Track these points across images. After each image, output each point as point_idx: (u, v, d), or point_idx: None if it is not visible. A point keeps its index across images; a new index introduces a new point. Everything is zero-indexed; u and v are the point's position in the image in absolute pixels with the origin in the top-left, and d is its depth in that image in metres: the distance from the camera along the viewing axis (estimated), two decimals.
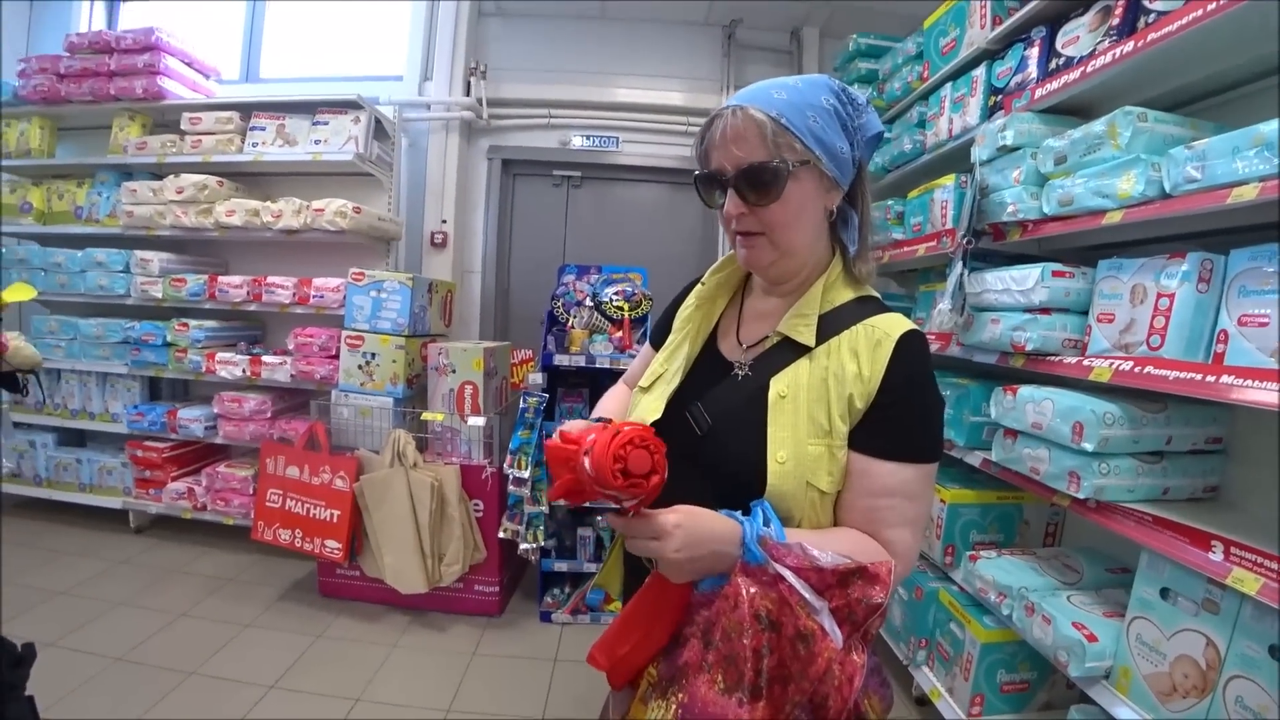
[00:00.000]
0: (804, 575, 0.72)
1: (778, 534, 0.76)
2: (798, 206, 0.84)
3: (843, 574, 0.72)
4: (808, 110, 0.82)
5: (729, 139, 0.83)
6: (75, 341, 3.45)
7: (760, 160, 0.81)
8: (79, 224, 3.54)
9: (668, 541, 0.73)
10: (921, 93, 2.45)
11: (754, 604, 0.71)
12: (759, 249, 0.88)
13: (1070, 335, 1.61)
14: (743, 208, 0.84)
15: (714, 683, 0.72)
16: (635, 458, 0.69)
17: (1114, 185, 1.42)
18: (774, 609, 0.71)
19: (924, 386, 0.85)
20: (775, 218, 0.84)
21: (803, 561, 0.73)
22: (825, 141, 0.83)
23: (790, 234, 0.86)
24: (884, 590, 0.71)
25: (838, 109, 0.84)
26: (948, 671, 1.90)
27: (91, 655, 2.30)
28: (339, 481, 2.65)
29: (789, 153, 0.81)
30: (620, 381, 1.23)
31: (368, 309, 2.91)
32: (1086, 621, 1.45)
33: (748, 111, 0.81)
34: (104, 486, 3.49)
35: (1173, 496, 1.46)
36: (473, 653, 2.51)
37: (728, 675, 0.71)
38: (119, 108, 3.46)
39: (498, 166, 3.81)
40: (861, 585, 0.72)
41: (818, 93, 0.84)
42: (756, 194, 0.83)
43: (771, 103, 0.82)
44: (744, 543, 0.75)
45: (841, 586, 0.72)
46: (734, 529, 0.76)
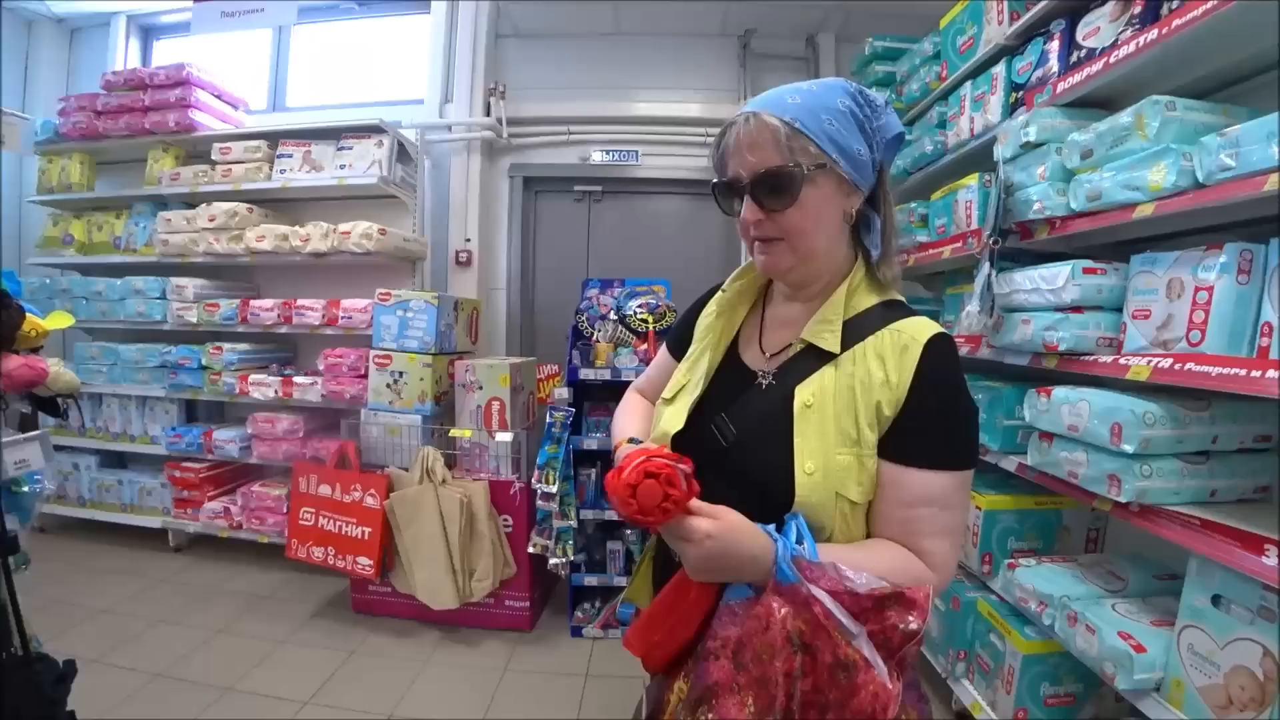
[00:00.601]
0: (839, 599, 0.70)
1: (811, 552, 0.74)
2: (815, 211, 0.83)
3: (879, 598, 0.70)
4: (823, 113, 0.81)
5: (743, 145, 0.82)
6: (116, 366, 3.57)
7: (775, 165, 0.80)
8: (118, 253, 3.67)
9: (696, 548, 0.74)
10: (940, 93, 2.42)
11: (786, 625, 0.70)
12: (777, 255, 0.86)
13: (1105, 333, 1.56)
14: (759, 214, 0.83)
15: (744, 705, 0.70)
16: (644, 490, 0.72)
17: (1144, 177, 1.38)
18: (807, 630, 0.69)
19: (954, 391, 0.82)
20: (792, 223, 0.83)
21: (838, 584, 0.70)
22: (842, 144, 0.81)
23: (808, 239, 0.85)
24: (921, 616, 0.69)
25: (854, 111, 0.83)
26: (989, 684, 1.84)
27: (133, 671, 2.35)
28: (370, 499, 2.68)
29: (804, 157, 0.80)
30: (631, 389, 1.22)
31: (395, 328, 2.95)
32: (1133, 631, 1.39)
33: (761, 117, 0.81)
34: (144, 506, 3.58)
35: (1221, 498, 1.39)
36: (504, 668, 2.51)
37: (759, 699, 0.69)
38: (153, 141, 3.58)
39: (519, 184, 3.85)
40: (898, 611, 0.70)
41: (833, 95, 0.82)
42: (772, 199, 0.82)
43: (785, 107, 0.81)
44: (776, 561, 0.73)
45: (877, 611, 0.70)
46: (767, 545, 0.75)
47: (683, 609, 0.81)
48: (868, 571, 0.72)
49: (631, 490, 0.72)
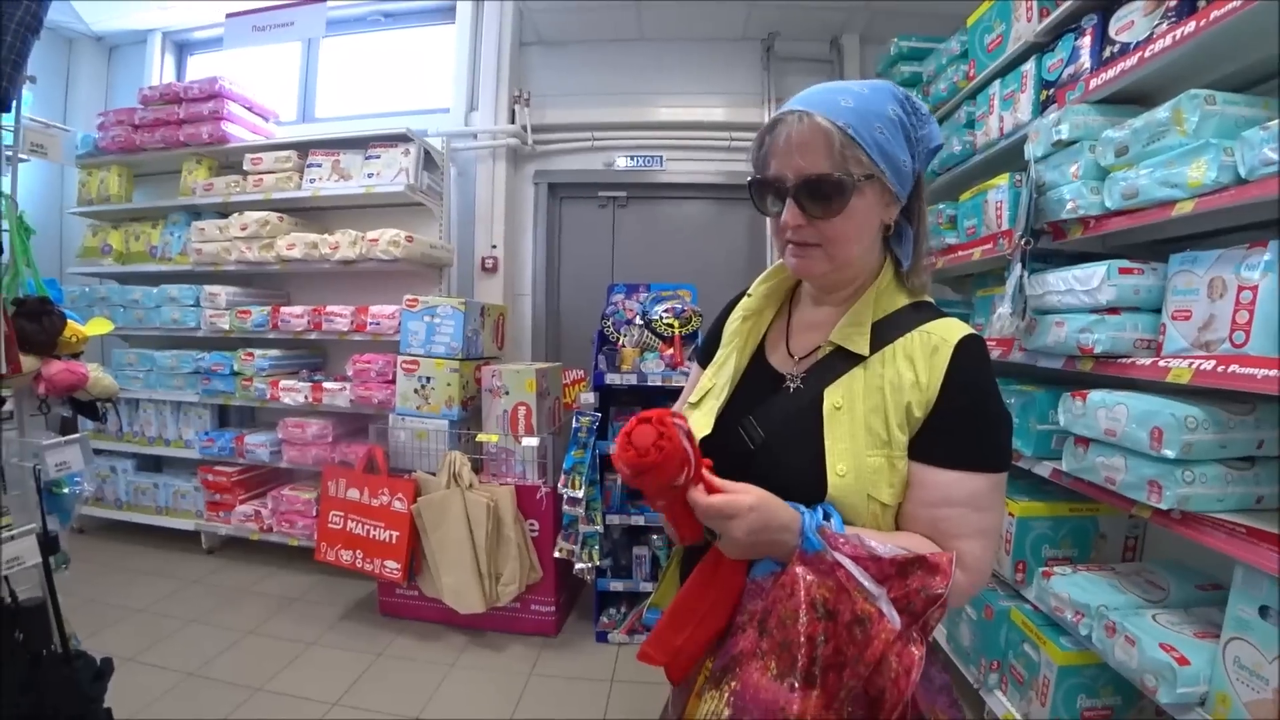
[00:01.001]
0: (862, 564, 0.71)
1: (837, 526, 0.75)
2: (857, 221, 0.82)
3: (901, 564, 0.71)
4: (874, 121, 0.79)
5: (793, 146, 0.79)
6: (152, 373, 3.67)
7: (825, 172, 0.78)
8: (154, 262, 3.77)
9: (739, 522, 0.73)
10: (968, 92, 2.39)
11: (810, 592, 0.70)
12: (812, 260, 0.85)
13: (1142, 335, 1.52)
14: (801, 219, 0.81)
15: (766, 669, 0.71)
16: (639, 432, 0.71)
17: (1183, 174, 1.34)
18: (831, 597, 0.70)
19: (985, 392, 0.81)
20: (835, 232, 0.82)
21: (860, 550, 0.72)
22: (890, 155, 0.80)
23: (847, 247, 0.84)
24: (944, 580, 0.69)
25: (903, 119, 0.81)
26: (1022, 696, 1.79)
27: (166, 670, 2.40)
28: (397, 503, 2.71)
29: (855, 166, 0.78)
30: None
31: (422, 334, 2.98)
32: (1176, 643, 1.35)
33: (814, 119, 0.78)
34: (178, 509, 3.67)
35: (1268, 505, 1.34)
36: (530, 672, 2.51)
37: (781, 661, 0.71)
38: (188, 153, 3.68)
39: (544, 190, 3.88)
40: (921, 575, 0.70)
41: (884, 102, 0.81)
42: (818, 206, 0.80)
43: (839, 111, 0.78)
44: (803, 531, 0.74)
45: (900, 577, 0.71)
46: (795, 517, 0.76)
47: (713, 595, 0.80)
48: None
49: (627, 436, 0.72)
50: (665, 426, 0.70)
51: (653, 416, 0.72)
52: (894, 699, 0.67)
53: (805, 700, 0.68)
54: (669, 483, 0.72)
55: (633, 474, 0.71)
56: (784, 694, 0.69)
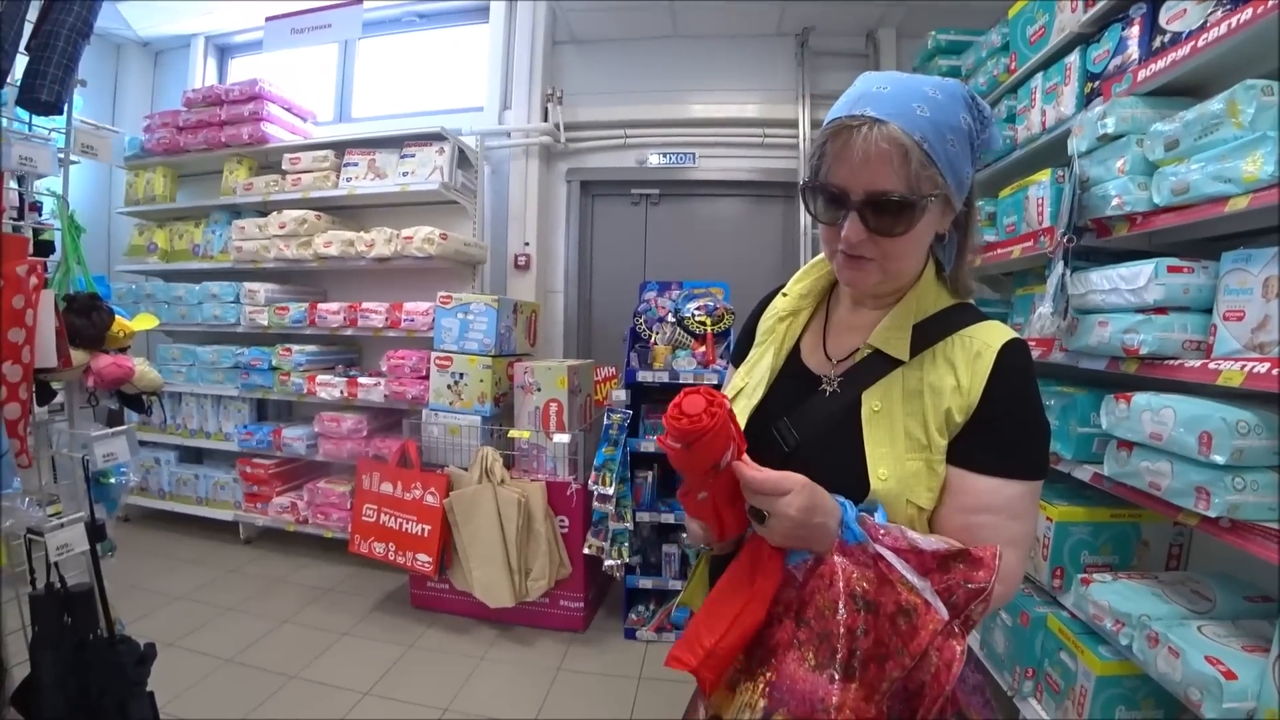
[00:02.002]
0: (903, 556, 0.70)
1: (881, 518, 0.75)
2: (920, 237, 0.80)
3: (943, 557, 0.70)
4: (948, 133, 0.74)
5: (868, 158, 0.72)
6: (194, 367, 3.78)
7: (897, 190, 0.73)
8: (196, 260, 3.90)
9: (792, 498, 0.70)
10: (1009, 86, 2.32)
11: (850, 583, 0.69)
12: (867, 274, 0.81)
13: (1191, 336, 1.46)
14: (864, 234, 0.76)
15: (804, 660, 0.70)
16: (690, 400, 0.69)
17: (1237, 168, 1.28)
18: (871, 589, 0.69)
19: (1027, 400, 0.80)
20: (898, 249, 0.79)
21: (901, 543, 0.71)
22: (958, 170, 0.77)
23: (904, 262, 0.82)
24: (988, 574, 0.68)
25: (971, 128, 0.77)
26: (1058, 705, 1.74)
27: (205, 656, 2.48)
28: (430, 497, 2.75)
29: (928, 186, 0.74)
30: None
31: (456, 331, 3.02)
32: (1222, 656, 1.30)
33: (891, 130, 0.72)
34: (218, 500, 3.77)
35: None
36: (558, 667, 2.53)
37: (819, 652, 0.69)
38: (229, 153, 3.79)
39: (577, 188, 3.90)
40: (964, 569, 0.69)
41: (957, 110, 0.76)
42: (885, 224, 0.76)
43: (915, 122, 0.72)
44: (844, 521, 0.73)
45: (942, 570, 0.70)
46: (837, 507, 0.74)
47: (748, 594, 0.77)
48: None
49: (678, 406, 0.69)
50: (714, 395, 0.69)
51: (700, 388, 0.70)
52: (934, 693, 0.66)
53: (845, 692, 0.66)
54: (717, 458, 0.70)
55: (683, 444, 0.68)
56: (823, 685, 0.67)
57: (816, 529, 0.72)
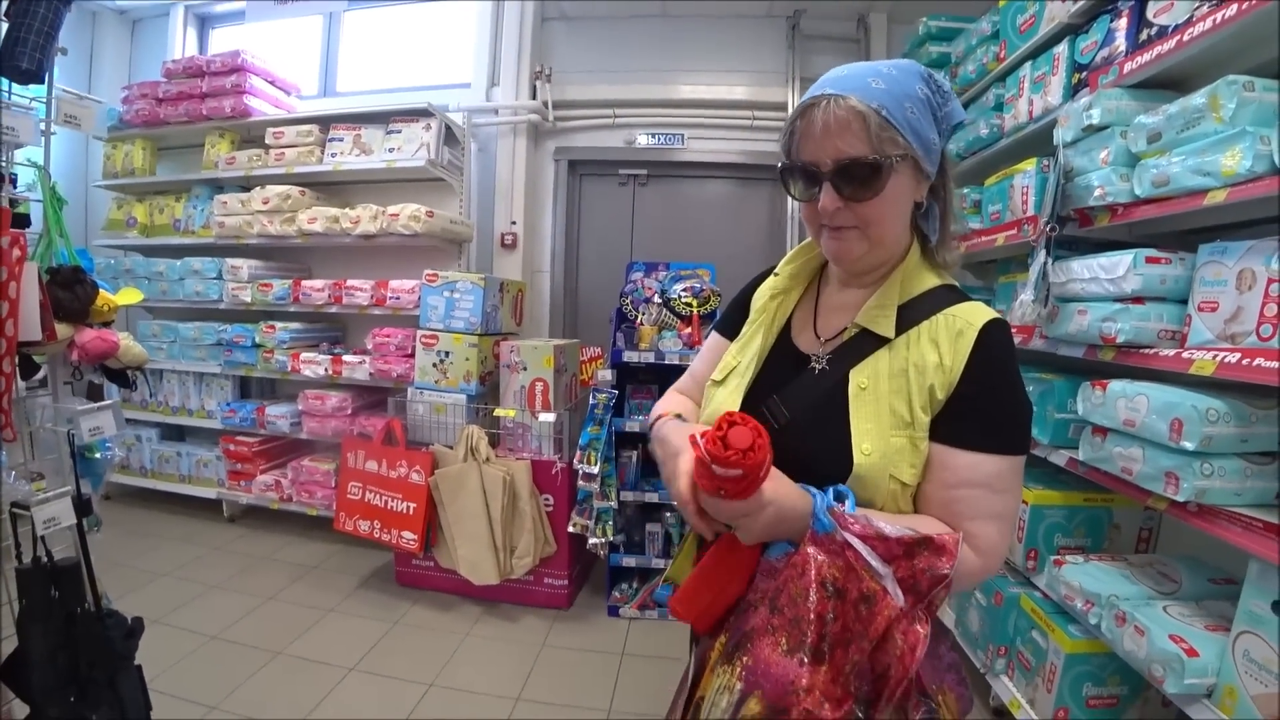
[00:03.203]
0: (870, 543, 0.73)
1: (850, 507, 0.77)
2: (893, 201, 0.82)
3: (908, 544, 0.73)
4: (905, 101, 0.79)
5: (830, 130, 0.79)
6: (175, 344, 3.74)
7: (862, 155, 0.78)
8: (177, 235, 3.82)
9: (759, 517, 0.74)
10: (998, 74, 2.34)
11: (820, 572, 0.72)
12: (850, 242, 0.85)
13: (1167, 326, 1.50)
14: (839, 202, 0.82)
15: (777, 645, 0.74)
16: (735, 434, 0.69)
17: (1216, 162, 1.31)
18: (840, 576, 0.72)
19: (1007, 376, 0.82)
20: (873, 213, 0.82)
21: (869, 530, 0.73)
22: (921, 134, 0.80)
23: (883, 228, 0.84)
24: (950, 561, 0.71)
25: (929, 98, 0.82)
26: (1029, 682, 1.81)
27: (191, 633, 2.48)
28: (415, 475, 2.75)
29: (891, 148, 0.78)
30: (671, 390, 1.18)
31: (441, 309, 3.01)
32: (1185, 634, 1.35)
33: (849, 102, 0.78)
34: (201, 478, 3.75)
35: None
36: (542, 644, 2.56)
37: (791, 638, 0.73)
38: (210, 126, 3.70)
39: (564, 167, 3.87)
40: (928, 556, 0.72)
41: (912, 81, 0.81)
42: (856, 189, 0.80)
43: (871, 93, 0.78)
44: (814, 513, 0.75)
45: (907, 557, 0.73)
46: (808, 501, 0.77)
47: (731, 566, 0.84)
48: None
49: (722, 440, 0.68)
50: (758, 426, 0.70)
51: (736, 418, 0.70)
52: (899, 675, 0.69)
53: (814, 674, 0.70)
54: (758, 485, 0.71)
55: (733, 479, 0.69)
56: (794, 668, 0.71)
57: (785, 530, 0.77)
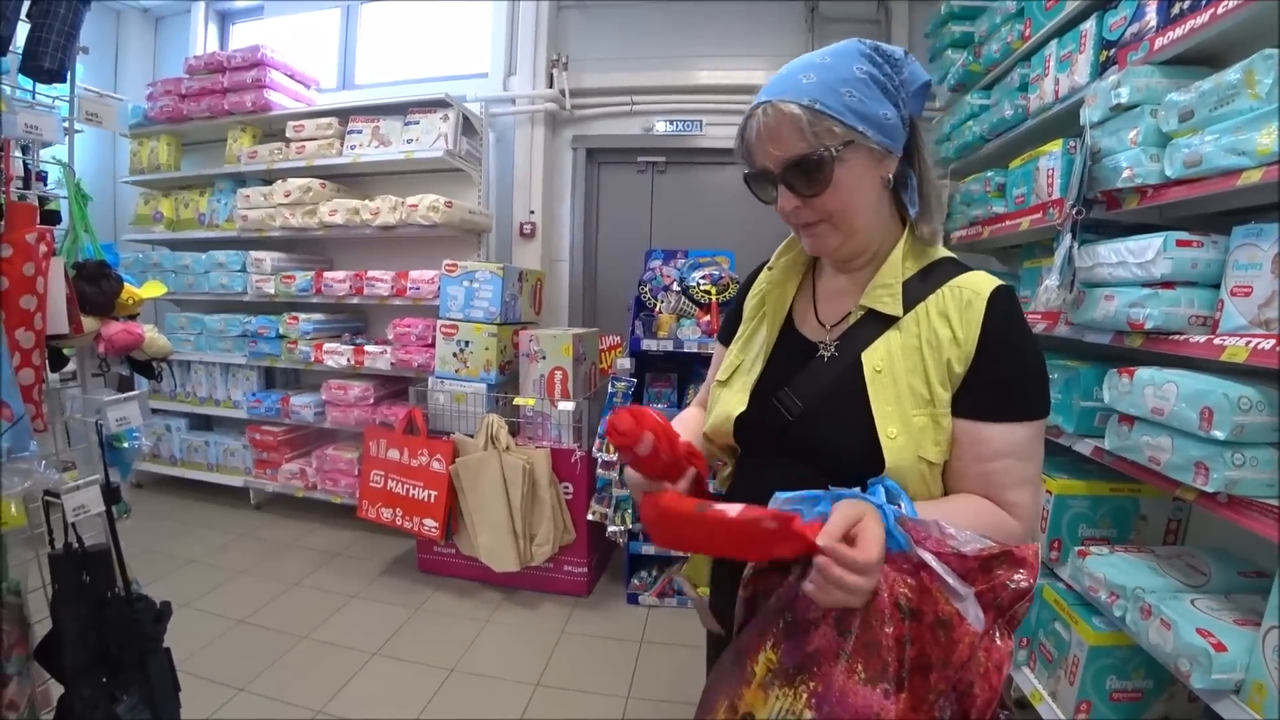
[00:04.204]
0: (946, 560, 0.69)
1: (910, 510, 0.73)
2: (850, 188, 0.82)
3: (985, 559, 0.69)
4: (840, 87, 0.78)
5: (765, 138, 0.81)
6: (202, 336, 3.82)
7: (801, 153, 0.79)
8: (202, 229, 3.90)
9: (869, 578, 0.66)
10: (1023, 53, 2.27)
11: (894, 591, 0.68)
12: (822, 236, 0.86)
13: (1198, 311, 1.45)
14: (796, 201, 0.83)
15: (853, 672, 0.68)
16: (620, 418, 0.77)
17: (1252, 140, 1.26)
18: (914, 596, 0.68)
19: (1022, 342, 0.82)
20: (832, 204, 0.82)
21: (943, 546, 0.69)
22: (866, 114, 0.79)
23: (850, 217, 0.84)
24: (1031, 573, 0.68)
25: (873, 74, 0.80)
26: (1051, 674, 1.78)
27: (218, 617, 2.55)
28: (436, 464, 2.78)
29: (829, 139, 0.78)
30: (693, 405, 1.17)
31: (461, 299, 3.02)
32: (1213, 628, 1.31)
33: (777, 106, 0.79)
34: (228, 466, 3.84)
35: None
36: (561, 630, 2.59)
37: (869, 665, 0.68)
38: (232, 121, 3.76)
39: (582, 156, 3.86)
40: (1006, 569, 0.69)
41: (849, 64, 0.80)
42: (805, 186, 0.81)
43: (800, 90, 0.79)
44: (887, 529, 0.69)
45: (984, 572, 0.69)
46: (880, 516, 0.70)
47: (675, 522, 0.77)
48: (963, 526, 0.71)
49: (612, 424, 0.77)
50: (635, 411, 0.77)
51: (633, 408, 0.78)
52: (986, 695, 0.66)
53: (899, 705, 0.67)
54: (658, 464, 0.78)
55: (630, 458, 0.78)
56: (878, 700, 0.67)
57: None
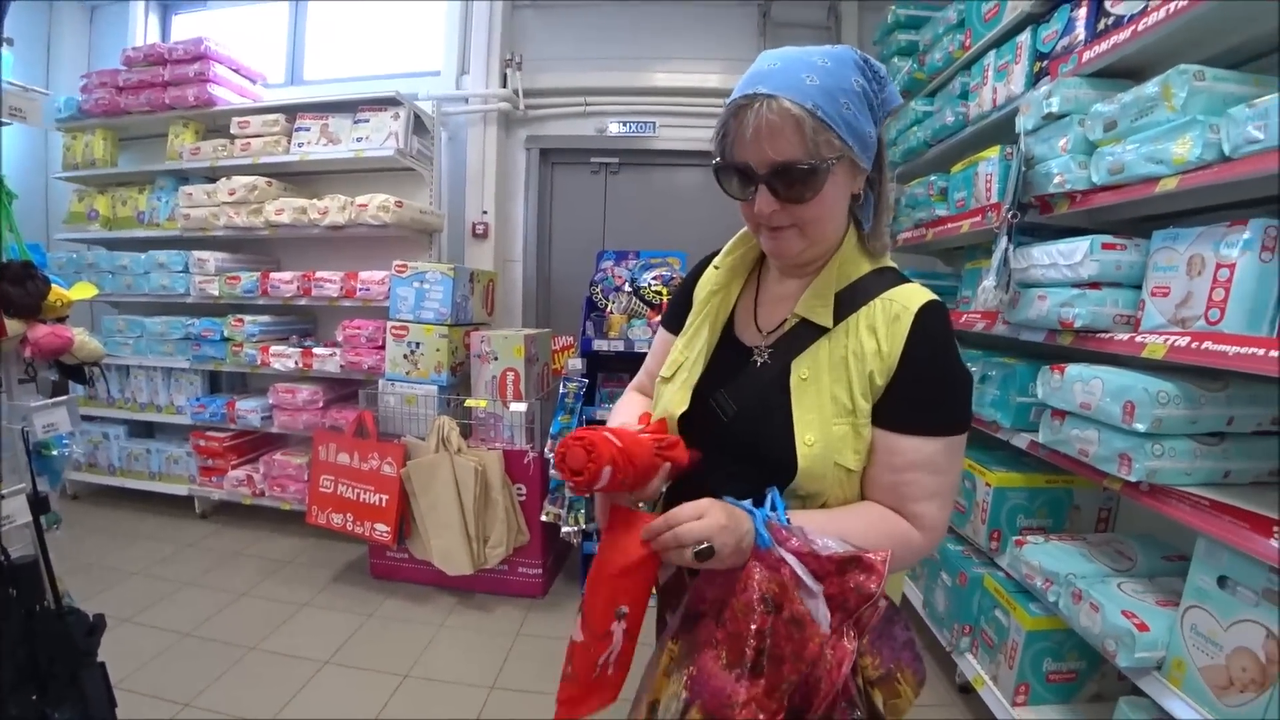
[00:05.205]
0: (804, 559, 0.74)
1: (780, 518, 0.78)
2: (832, 200, 0.82)
3: (840, 561, 0.73)
4: (840, 97, 0.76)
5: (762, 135, 0.76)
6: (142, 339, 3.65)
7: (797, 159, 0.76)
8: (141, 228, 3.73)
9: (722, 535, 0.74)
10: (963, 63, 2.36)
11: (761, 587, 0.73)
12: (788, 241, 0.85)
13: (1122, 311, 1.53)
14: (775, 205, 0.80)
15: (719, 658, 0.76)
16: (572, 454, 0.78)
17: (1168, 150, 1.34)
18: (778, 592, 0.73)
19: (945, 358, 0.83)
20: (810, 214, 0.81)
21: (803, 546, 0.75)
22: (857, 130, 0.79)
23: (821, 226, 0.84)
24: (878, 580, 0.72)
25: (865, 89, 0.79)
26: (991, 659, 1.85)
27: (163, 630, 2.45)
28: (387, 467, 2.73)
29: (828, 150, 0.76)
30: (630, 389, 1.20)
31: (411, 300, 2.98)
32: (1137, 610, 1.39)
33: (783, 103, 0.74)
34: (171, 474, 3.69)
35: (1235, 480, 1.37)
36: (517, 633, 2.57)
37: (731, 652, 0.75)
38: (174, 116, 3.61)
39: (536, 156, 3.83)
40: (857, 574, 0.73)
41: (847, 74, 0.78)
42: (792, 192, 0.79)
43: (805, 92, 0.75)
44: (755, 529, 0.77)
45: (839, 574, 0.74)
46: (748, 517, 0.78)
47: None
48: (849, 532, 0.77)
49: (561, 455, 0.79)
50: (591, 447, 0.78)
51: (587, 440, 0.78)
52: (826, 689, 0.71)
53: (752, 688, 0.72)
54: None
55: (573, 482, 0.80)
56: (730, 683, 0.73)
57: (747, 548, 0.77)
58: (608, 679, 0.84)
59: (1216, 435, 1.38)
